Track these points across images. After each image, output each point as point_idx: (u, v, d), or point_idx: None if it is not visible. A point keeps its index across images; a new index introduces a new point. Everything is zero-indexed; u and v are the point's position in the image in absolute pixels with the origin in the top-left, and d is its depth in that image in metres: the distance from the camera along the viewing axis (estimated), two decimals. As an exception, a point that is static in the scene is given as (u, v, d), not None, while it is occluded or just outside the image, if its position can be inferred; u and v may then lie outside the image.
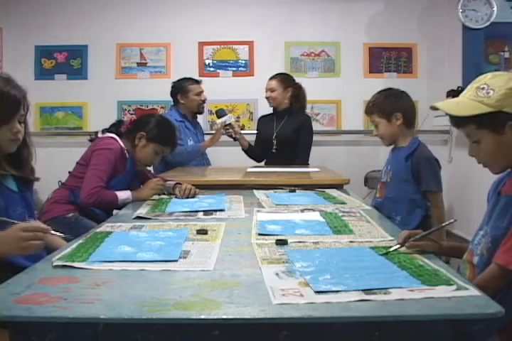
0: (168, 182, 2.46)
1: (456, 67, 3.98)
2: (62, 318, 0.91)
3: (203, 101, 3.74)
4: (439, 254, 1.38)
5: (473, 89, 1.32)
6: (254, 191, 2.50)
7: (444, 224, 1.59)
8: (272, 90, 3.65)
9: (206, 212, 1.96)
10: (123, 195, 2.27)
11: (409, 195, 2.29)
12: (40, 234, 1.29)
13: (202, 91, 3.73)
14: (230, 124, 3.66)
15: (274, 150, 3.66)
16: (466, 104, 1.31)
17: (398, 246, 1.35)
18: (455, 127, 1.42)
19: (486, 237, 1.32)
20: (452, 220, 1.56)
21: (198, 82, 3.74)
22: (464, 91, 1.36)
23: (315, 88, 3.93)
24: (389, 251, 1.32)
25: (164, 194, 2.41)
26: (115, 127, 2.52)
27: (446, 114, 1.38)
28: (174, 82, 3.77)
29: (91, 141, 2.52)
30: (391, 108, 2.34)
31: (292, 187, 2.52)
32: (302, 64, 4.53)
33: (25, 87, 1.53)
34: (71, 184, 2.40)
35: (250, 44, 4.51)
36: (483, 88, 1.30)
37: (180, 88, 3.69)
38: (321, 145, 4.22)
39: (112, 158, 2.34)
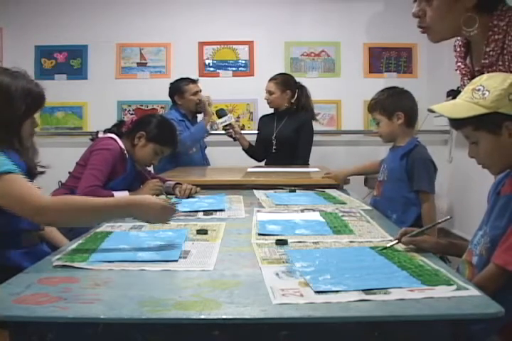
0: (168, 182, 2.45)
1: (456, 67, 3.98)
2: (62, 318, 0.91)
3: (200, 101, 3.73)
4: (436, 251, 1.39)
5: (469, 91, 1.32)
6: (254, 191, 2.50)
7: (440, 221, 1.60)
8: (270, 93, 3.65)
9: (206, 212, 1.96)
10: (120, 195, 2.27)
11: (404, 193, 2.30)
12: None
13: (198, 91, 3.72)
14: (230, 124, 3.67)
15: (273, 151, 3.66)
16: (462, 105, 1.31)
17: (395, 241, 1.38)
18: (454, 129, 1.43)
19: (485, 237, 1.32)
20: (448, 217, 1.59)
21: (194, 81, 3.73)
22: (461, 93, 1.36)
23: (315, 88, 3.92)
24: (386, 247, 1.35)
25: (163, 195, 2.40)
26: (117, 127, 2.52)
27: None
28: (172, 83, 3.77)
29: (92, 140, 2.52)
30: (393, 106, 2.35)
31: (292, 187, 2.52)
32: (302, 64, 4.53)
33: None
34: (71, 184, 2.39)
35: (250, 44, 4.52)
36: (478, 89, 1.29)
37: (176, 89, 3.69)
38: (321, 145, 4.22)
39: (109, 158, 2.33)
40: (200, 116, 3.97)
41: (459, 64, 1.56)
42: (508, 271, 1.20)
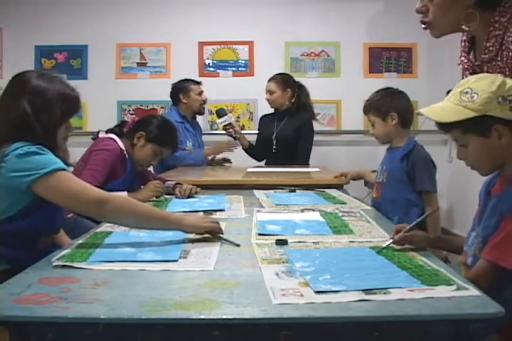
0: (168, 182, 2.45)
1: (456, 67, 3.97)
2: (62, 318, 0.91)
3: (204, 102, 3.77)
4: (426, 245, 1.40)
5: (457, 94, 1.31)
6: (254, 191, 2.50)
7: (427, 214, 1.63)
8: (270, 92, 3.65)
9: (206, 212, 1.96)
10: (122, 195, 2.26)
11: (405, 194, 2.29)
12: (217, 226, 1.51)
13: (202, 92, 3.76)
14: (230, 124, 3.68)
15: (274, 150, 3.66)
16: (451, 109, 1.30)
17: (391, 240, 1.39)
18: (442, 131, 1.41)
19: (478, 238, 1.33)
20: (436, 208, 1.76)
21: (198, 82, 3.78)
22: (449, 96, 1.34)
23: (315, 88, 3.92)
24: (383, 248, 1.35)
25: (163, 196, 2.38)
26: (118, 127, 2.52)
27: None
28: (175, 83, 3.79)
29: (94, 139, 2.51)
30: (386, 107, 2.34)
31: (292, 187, 2.52)
32: (302, 64, 4.53)
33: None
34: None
35: (250, 44, 4.51)
36: (466, 92, 1.28)
37: (182, 88, 3.71)
38: (321, 145, 4.21)
39: (108, 159, 2.33)
40: (199, 118, 3.97)
41: (463, 58, 1.56)
42: (499, 266, 1.21)
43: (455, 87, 1.34)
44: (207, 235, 1.52)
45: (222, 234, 1.52)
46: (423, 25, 1.50)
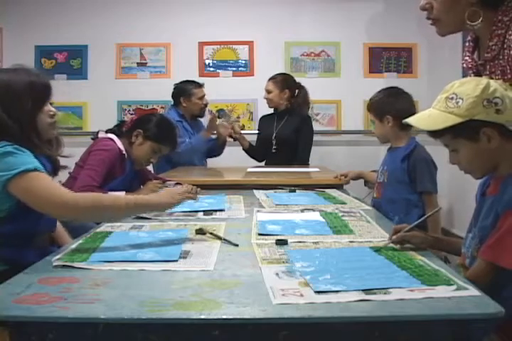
0: (168, 182, 2.45)
1: (456, 67, 3.98)
2: (62, 318, 0.91)
3: (205, 105, 3.76)
4: (425, 246, 1.40)
5: (443, 100, 1.31)
6: (255, 191, 2.50)
7: (428, 214, 1.65)
8: (268, 92, 3.65)
9: (206, 212, 1.96)
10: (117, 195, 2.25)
11: (406, 195, 2.29)
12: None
13: (204, 95, 3.74)
14: (229, 124, 3.68)
15: (273, 150, 3.66)
16: (438, 116, 1.30)
17: (389, 241, 1.40)
18: (432, 138, 1.41)
19: (475, 239, 1.33)
20: (437, 208, 1.71)
21: (201, 85, 3.75)
22: (435, 102, 1.35)
23: (315, 88, 3.92)
24: (381, 247, 1.36)
25: None
26: (118, 127, 2.52)
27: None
28: (177, 84, 3.77)
29: (93, 139, 2.51)
30: (383, 109, 2.33)
31: (292, 187, 2.52)
32: (302, 64, 4.53)
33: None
34: (70, 185, 2.39)
35: (250, 44, 4.51)
36: (452, 98, 1.29)
37: (184, 91, 3.69)
38: (321, 145, 4.22)
39: (107, 159, 2.32)
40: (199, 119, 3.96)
41: (466, 58, 1.56)
42: (497, 266, 1.21)
43: (440, 93, 1.35)
44: (207, 235, 1.51)
45: (198, 192, 1.57)
46: (430, 21, 1.50)
